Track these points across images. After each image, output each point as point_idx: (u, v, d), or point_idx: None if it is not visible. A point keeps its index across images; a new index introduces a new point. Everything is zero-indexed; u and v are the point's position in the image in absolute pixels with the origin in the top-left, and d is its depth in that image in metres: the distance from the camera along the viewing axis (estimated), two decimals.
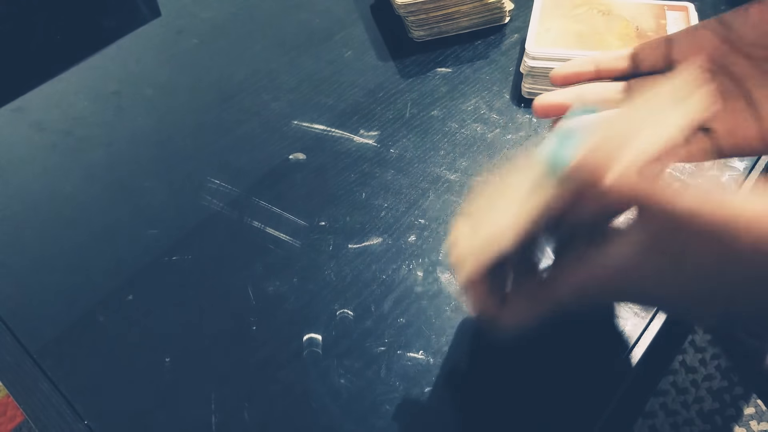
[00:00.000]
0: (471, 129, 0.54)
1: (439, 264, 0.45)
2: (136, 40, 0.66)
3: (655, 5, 0.56)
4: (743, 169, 0.49)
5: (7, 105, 0.60)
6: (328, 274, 0.45)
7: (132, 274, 0.47)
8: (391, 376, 0.40)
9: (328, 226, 0.48)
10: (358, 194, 0.50)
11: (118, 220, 0.50)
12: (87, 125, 0.58)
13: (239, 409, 0.39)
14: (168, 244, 0.48)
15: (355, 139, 0.54)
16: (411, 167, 0.52)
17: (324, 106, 0.57)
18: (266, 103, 0.58)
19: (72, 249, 0.49)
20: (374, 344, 0.41)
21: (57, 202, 0.52)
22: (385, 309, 0.43)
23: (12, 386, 0.42)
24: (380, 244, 0.47)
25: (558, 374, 0.40)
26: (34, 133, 0.58)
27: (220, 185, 0.52)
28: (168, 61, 0.63)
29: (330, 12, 0.67)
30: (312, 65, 0.61)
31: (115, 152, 0.55)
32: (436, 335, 0.42)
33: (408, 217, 0.48)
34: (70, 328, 0.44)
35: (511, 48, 0.61)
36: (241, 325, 0.43)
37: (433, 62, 0.60)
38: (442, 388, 0.39)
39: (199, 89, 0.60)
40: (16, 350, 0.43)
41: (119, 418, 0.40)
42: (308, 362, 0.41)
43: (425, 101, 0.57)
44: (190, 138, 0.56)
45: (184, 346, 0.42)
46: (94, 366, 0.42)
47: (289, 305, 0.44)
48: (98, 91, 0.61)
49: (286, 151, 0.54)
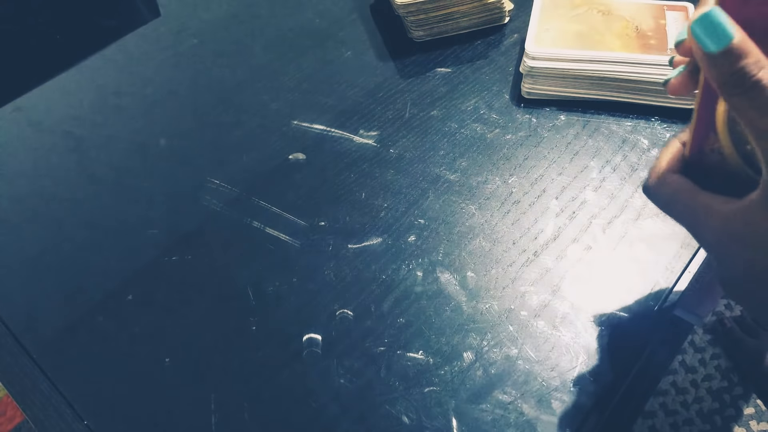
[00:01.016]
0: (471, 129, 0.54)
1: (439, 264, 0.45)
2: (136, 40, 0.66)
3: (655, 5, 0.56)
4: None
5: (7, 105, 0.60)
6: (328, 274, 0.45)
7: (132, 274, 0.47)
8: (391, 376, 0.40)
9: (328, 226, 0.48)
10: (358, 194, 0.50)
11: (119, 220, 0.50)
12: (87, 125, 0.58)
13: (239, 409, 0.39)
14: (168, 244, 0.48)
15: (355, 139, 0.54)
16: (411, 167, 0.52)
17: (324, 106, 0.57)
18: (266, 103, 0.58)
19: (72, 249, 0.49)
20: (374, 344, 0.41)
21: (57, 202, 0.52)
22: (384, 309, 0.43)
23: (12, 386, 0.42)
24: (380, 244, 0.47)
25: (558, 374, 0.40)
26: (34, 133, 0.58)
27: (220, 185, 0.52)
28: (168, 61, 0.63)
29: (330, 12, 0.67)
30: (312, 65, 0.61)
31: (115, 152, 0.55)
32: (436, 335, 0.42)
33: (408, 217, 0.48)
34: (70, 328, 0.44)
35: (511, 48, 0.61)
36: (241, 325, 0.43)
37: (433, 62, 0.60)
38: (442, 388, 0.39)
39: (199, 89, 0.60)
40: (16, 350, 0.43)
41: (119, 418, 0.40)
42: (308, 362, 0.41)
43: (425, 101, 0.57)
44: (190, 138, 0.56)
45: (184, 346, 0.43)
46: (94, 366, 0.42)
47: (289, 305, 0.44)
48: (98, 91, 0.61)
49: (286, 151, 0.54)
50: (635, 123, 0.53)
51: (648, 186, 0.33)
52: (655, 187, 0.33)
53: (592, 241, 0.46)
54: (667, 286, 0.43)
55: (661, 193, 0.32)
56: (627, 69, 0.52)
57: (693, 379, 1.18)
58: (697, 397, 1.15)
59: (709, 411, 1.13)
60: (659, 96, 0.53)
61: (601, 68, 0.52)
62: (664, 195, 0.32)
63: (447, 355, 0.41)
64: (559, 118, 0.54)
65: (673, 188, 0.31)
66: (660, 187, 0.32)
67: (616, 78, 0.53)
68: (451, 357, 0.41)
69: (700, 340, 1.23)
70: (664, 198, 0.32)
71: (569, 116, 0.54)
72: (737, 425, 1.12)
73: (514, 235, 0.47)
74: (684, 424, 1.11)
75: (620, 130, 0.53)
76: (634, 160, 0.51)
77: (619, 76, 0.52)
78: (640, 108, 0.54)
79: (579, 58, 0.53)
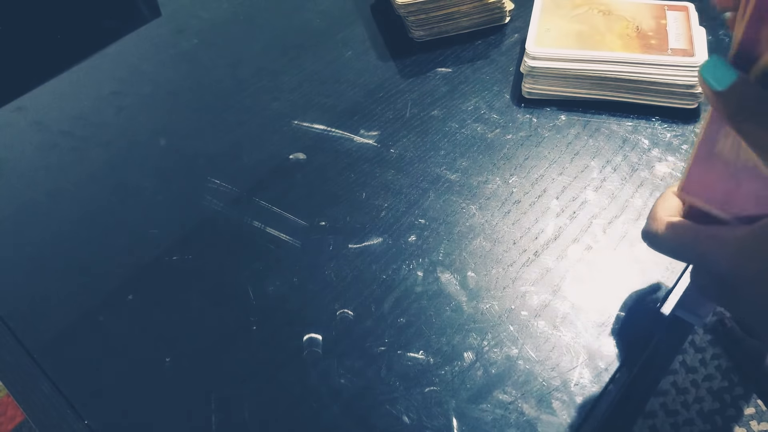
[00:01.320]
0: (471, 129, 0.54)
1: (440, 264, 0.45)
2: (136, 40, 0.66)
3: (656, 5, 0.56)
4: None
5: (7, 105, 0.60)
6: (328, 274, 0.45)
7: (132, 274, 0.47)
8: (391, 376, 0.40)
9: (328, 226, 0.48)
10: (359, 194, 0.50)
11: (119, 220, 0.50)
12: (87, 125, 0.58)
13: (239, 409, 0.39)
14: (168, 244, 0.48)
15: (356, 139, 0.54)
16: (411, 167, 0.52)
17: (324, 106, 0.57)
18: (266, 103, 0.58)
19: (72, 249, 0.49)
20: (374, 344, 0.41)
21: (57, 202, 0.52)
22: (385, 309, 0.43)
23: (12, 386, 0.42)
24: (380, 244, 0.47)
25: (558, 374, 0.40)
26: (34, 133, 0.58)
27: (220, 185, 0.52)
28: (168, 61, 0.63)
29: (330, 12, 0.67)
30: (312, 65, 0.61)
31: (115, 152, 0.55)
32: (436, 335, 0.42)
33: (408, 217, 0.48)
34: (70, 328, 0.44)
35: (511, 48, 0.61)
36: (241, 325, 0.43)
37: (433, 62, 0.60)
38: (443, 388, 0.39)
39: (199, 89, 0.60)
40: (16, 350, 0.43)
41: (119, 418, 0.40)
42: (308, 362, 0.41)
43: (425, 101, 0.57)
44: (190, 138, 0.56)
45: (184, 346, 0.42)
46: (94, 366, 0.42)
47: (289, 305, 0.44)
48: (98, 91, 0.61)
49: (286, 151, 0.54)
50: (636, 123, 0.53)
51: (649, 231, 0.34)
52: (656, 231, 0.33)
53: (593, 241, 0.46)
54: (668, 286, 0.43)
55: (663, 236, 0.33)
56: (628, 69, 0.52)
57: (693, 379, 1.17)
58: (698, 397, 1.15)
59: (710, 411, 1.13)
60: (660, 96, 0.53)
61: (601, 68, 0.52)
62: (667, 237, 0.33)
63: (447, 355, 0.41)
64: (560, 118, 0.54)
65: (676, 229, 0.32)
66: (662, 231, 0.33)
67: (617, 78, 0.53)
68: (451, 357, 0.41)
69: (700, 340, 1.23)
70: (667, 240, 0.33)
71: (570, 116, 0.54)
72: (738, 425, 1.12)
73: (515, 235, 0.47)
74: (684, 424, 1.11)
75: (621, 130, 0.53)
76: (635, 160, 0.51)
77: (619, 76, 0.52)
78: (641, 108, 0.54)
79: (580, 58, 0.53)
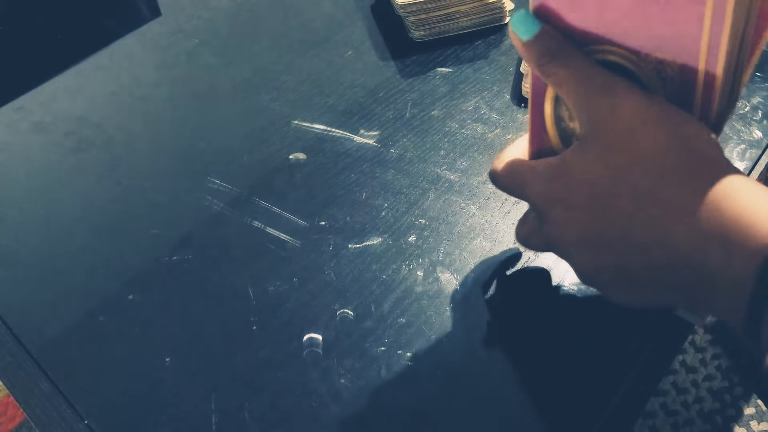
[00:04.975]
0: (471, 129, 0.54)
1: (440, 264, 0.45)
2: (136, 40, 0.66)
3: None
4: (743, 169, 0.49)
5: (7, 105, 0.60)
6: (328, 274, 0.45)
7: (132, 274, 0.47)
8: (391, 376, 0.40)
9: (328, 226, 0.48)
10: (359, 194, 0.50)
11: (119, 220, 0.50)
12: (87, 125, 0.58)
13: (239, 409, 0.39)
14: (168, 244, 0.48)
15: (356, 139, 0.54)
16: (411, 167, 0.52)
17: (324, 106, 0.57)
18: (266, 103, 0.58)
19: (72, 249, 0.49)
20: (374, 344, 0.41)
21: (57, 202, 0.52)
22: (385, 309, 0.43)
23: (12, 386, 0.42)
24: (380, 244, 0.47)
25: (558, 374, 0.40)
26: (34, 133, 0.58)
27: (220, 185, 0.52)
28: (168, 61, 0.63)
29: (330, 12, 0.67)
30: (312, 65, 0.61)
31: (115, 152, 0.55)
32: (436, 335, 0.42)
33: (408, 217, 0.48)
34: (70, 328, 0.44)
35: (511, 48, 0.61)
36: (241, 325, 0.43)
37: (433, 62, 0.60)
38: (442, 388, 0.39)
39: (199, 89, 0.60)
40: (16, 350, 0.43)
41: (119, 418, 0.40)
42: (308, 362, 0.41)
43: (425, 101, 0.57)
44: (190, 138, 0.56)
45: (184, 346, 0.42)
46: (94, 366, 0.42)
47: (289, 305, 0.44)
48: (98, 91, 0.61)
49: (286, 151, 0.54)
50: None
51: (491, 170, 0.38)
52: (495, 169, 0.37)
53: None
54: None
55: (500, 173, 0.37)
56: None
57: (693, 379, 1.17)
58: (698, 397, 1.15)
59: (710, 411, 1.13)
60: None
61: None
62: (501, 174, 0.37)
63: (447, 355, 0.41)
64: None
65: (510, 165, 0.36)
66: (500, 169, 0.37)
67: None
68: (451, 357, 0.41)
69: (700, 340, 1.23)
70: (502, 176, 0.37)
71: None
72: (738, 425, 1.12)
73: None
74: (684, 424, 1.11)
75: None
76: None
77: None
78: None
79: None
